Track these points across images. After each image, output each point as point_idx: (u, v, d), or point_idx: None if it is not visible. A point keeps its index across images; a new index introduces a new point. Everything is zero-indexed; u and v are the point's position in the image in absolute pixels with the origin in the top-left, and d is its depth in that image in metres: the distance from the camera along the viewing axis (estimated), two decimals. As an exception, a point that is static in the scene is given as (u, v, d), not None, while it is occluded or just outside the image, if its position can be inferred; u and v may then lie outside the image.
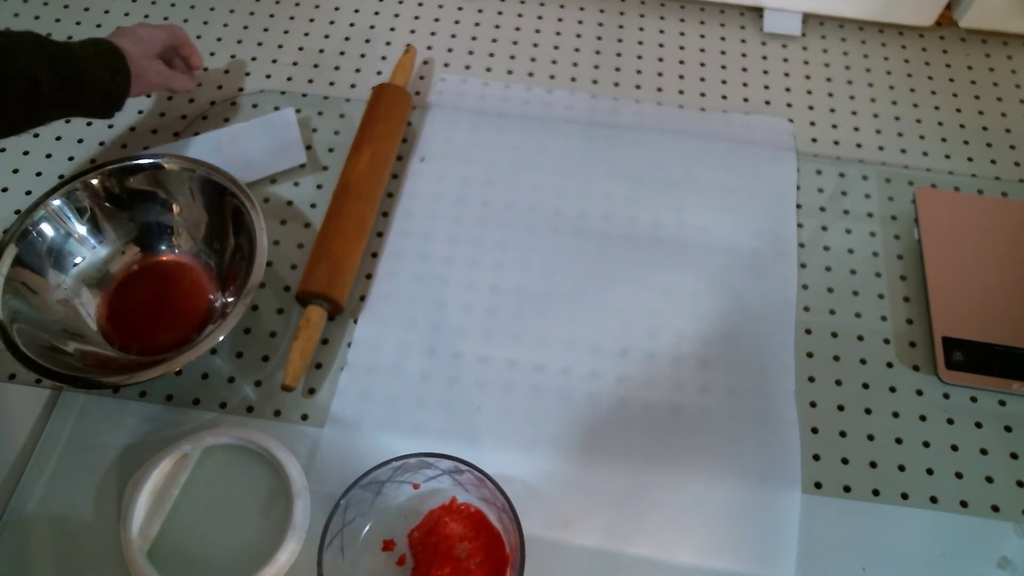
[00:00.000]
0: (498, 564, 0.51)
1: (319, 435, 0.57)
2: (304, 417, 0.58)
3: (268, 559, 0.50)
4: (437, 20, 0.80)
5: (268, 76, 0.75)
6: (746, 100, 0.75)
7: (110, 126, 0.71)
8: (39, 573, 0.52)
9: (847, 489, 0.56)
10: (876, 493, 0.56)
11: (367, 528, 0.53)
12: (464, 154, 0.70)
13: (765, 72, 0.77)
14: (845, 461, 0.57)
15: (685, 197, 0.68)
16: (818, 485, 0.56)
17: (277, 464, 0.54)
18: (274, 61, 0.76)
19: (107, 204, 0.61)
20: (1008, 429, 0.59)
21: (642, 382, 0.59)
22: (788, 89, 0.76)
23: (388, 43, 0.78)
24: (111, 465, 0.55)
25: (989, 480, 0.57)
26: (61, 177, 0.68)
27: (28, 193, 0.67)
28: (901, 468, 0.57)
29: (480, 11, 0.81)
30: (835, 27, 0.81)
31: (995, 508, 0.55)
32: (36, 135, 0.71)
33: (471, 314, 0.62)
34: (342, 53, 0.77)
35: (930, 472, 0.57)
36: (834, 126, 0.74)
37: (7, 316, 0.54)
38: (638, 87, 0.76)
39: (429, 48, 0.78)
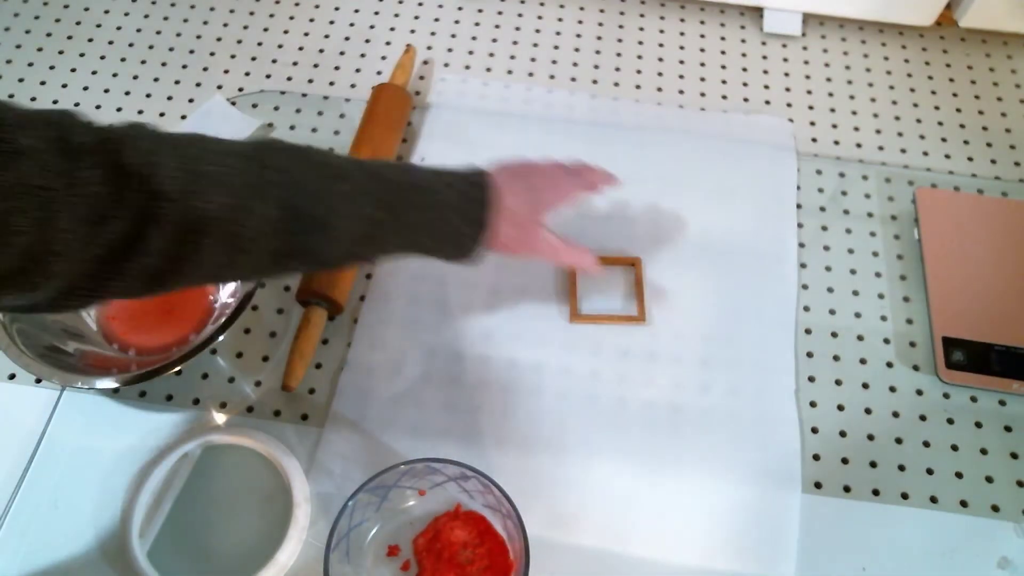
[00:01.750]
0: (502, 571, 0.51)
1: (319, 435, 0.57)
2: (304, 417, 0.58)
3: (268, 559, 0.50)
4: (437, 20, 0.80)
5: (268, 76, 0.75)
6: (746, 100, 0.75)
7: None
8: (40, 573, 0.52)
9: (847, 489, 0.56)
10: (876, 493, 0.56)
11: (372, 533, 0.53)
12: (464, 154, 0.70)
13: (765, 72, 0.77)
14: (845, 461, 0.57)
15: (685, 197, 0.68)
16: (818, 485, 0.56)
17: (277, 464, 0.54)
18: (274, 61, 0.76)
19: (107, 204, 0.61)
20: (1008, 429, 0.59)
21: (642, 382, 0.59)
22: (788, 89, 0.76)
23: (388, 43, 0.78)
24: (112, 465, 0.55)
25: (989, 480, 0.57)
26: (61, 177, 0.68)
27: (28, 193, 0.67)
28: (901, 468, 0.57)
29: (480, 11, 0.81)
30: (835, 27, 0.81)
31: (995, 508, 0.55)
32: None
33: (471, 314, 0.62)
34: (342, 53, 0.77)
35: (930, 472, 0.57)
36: (834, 126, 0.74)
37: (7, 316, 0.54)
38: (638, 87, 0.76)
39: (429, 48, 0.78)
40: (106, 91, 0.74)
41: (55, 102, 0.73)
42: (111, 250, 0.38)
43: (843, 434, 0.58)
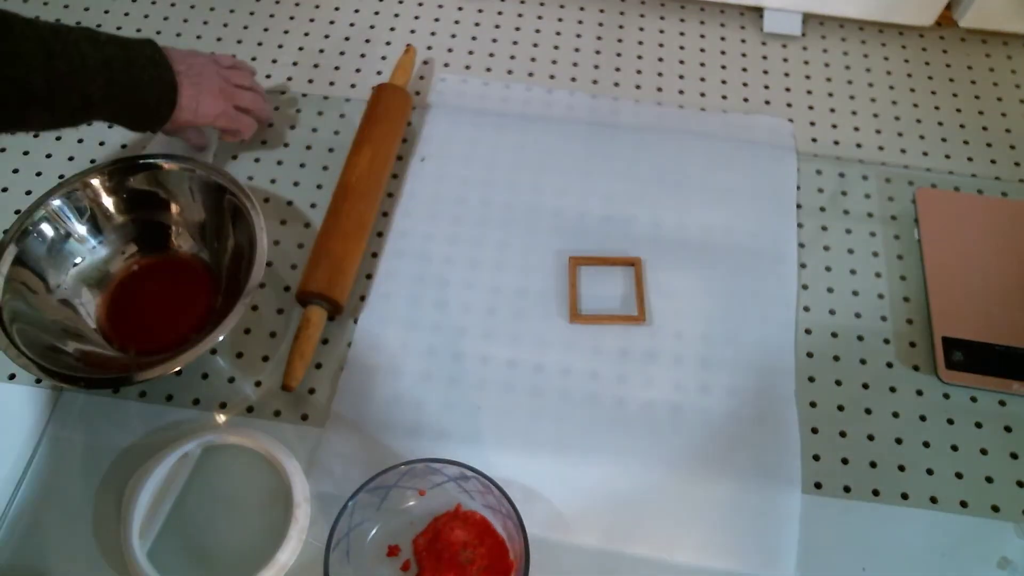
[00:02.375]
0: (502, 571, 0.51)
1: (319, 435, 0.57)
2: (304, 417, 0.58)
3: (268, 559, 0.50)
4: (437, 20, 0.80)
5: (268, 76, 0.75)
6: (746, 100, 0.75)
7: (110, 126, 0.71)
8: (40, 573, 0.52)
9: (847, 489, 0.56)
10: (876, 493, 0.56)
11: (372, 533, 0.53)
12: (464, 154, 0.70)
13: (765, 72, 0.77)
14: (845, 461, 0.57)
15: (685, 197, 0.68)
16: (818, 485, 0.56)
17: (277, 464, 0.54)
18: (274, 61, 0.76)
19: (107, 204, 0.61)
20: (1008, 429, 0.59)
21: (642, 382, 0.59)
22: (788, 89, 0.76)
23: (388, 43, 0.78)
24: (111, 465, 0.55)
25: (989, 480, 0.57)
26: (61, 177, 0.68)
27: (28, 193, 0.67)
28: (901, 468, 0.57)
29: (480, 11, 0.81)
30: (835, 27, 0.81)
31: (995, 508, 0.56)
32: (36, 135, 0.71)
33: (471, 314, 0.62)
34: (342, 53, 0.77)
35: (930, 472, 0.57)
36: (834, 126, 0.74)
37: (7, 316, 0.54)
38: (638, 87, 0.76)
39: (429, 48, 0.78)
40: (106, 91, 0.74)
41: (55, 102, 0.73)
42: None
43: (843, 434, 0.58)
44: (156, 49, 0.58)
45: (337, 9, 0.81)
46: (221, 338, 0.54)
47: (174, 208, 0.63)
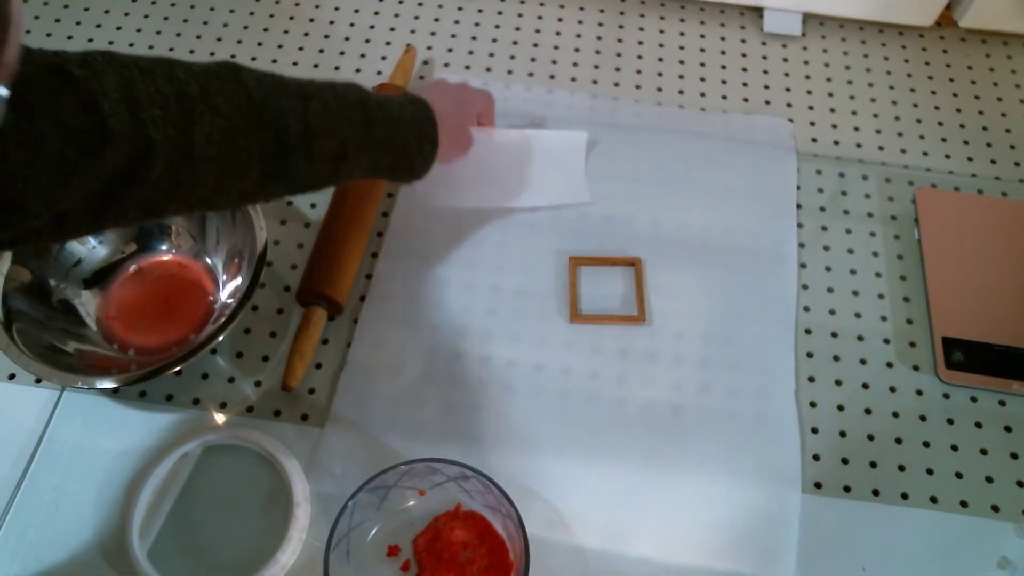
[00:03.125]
0: (502, 571, 0.51)
1: (319, 435, 0.57)
2: (304, 417, 0.58)
3: (268, 559, 0.50)
4: (437, 20, 0.80)
5: (268, 76, 0.75)
6: (746, 100, 0.75)
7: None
8: (40, 573, 0.52)
9: (847, 489, 0.56)
10: (876, 493, 0.56)
11: (372, 533, 0.53)
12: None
13: (765, 72, 0.77)
14: (845, 461, 0.57)
15: (685, 197, 0.68)
16: (818, 485, 0.56)
17: (277, 464, 0.54)
18: (274, 61, 0.76)
19: (107, 204, 0.61)
20: (1008, 429, 0.59)
21: (642, 382, 0.59)
22: (788, 89, 0.76)
23: (388, 43, 0.78)
24: (111, 465, 0.55)
25: (989, 480, 0.57)
26: (61, 177, 0.68)
27: (28, 193, 0.67)
28: (901, 468, 0.57)
29: (480, 11, 0.81)
30: (835, 27, 0.81)
31: (995, 508, 0.56)
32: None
33: (471, 314, 0.62)
34: (342, 53, 0.77)
35: (930, 472, 0.57)
36: (834, 126, 0.74)
37: (7, 316, 0.54)
38: (638, 87, 0.76)
39: (429, 48, 0.78)
40: (106, 91, 0.74)
41: (55, 102, 0.73)
42: (107, 182, 0.39)
43: (843, 434, 0.58)
44: (407, 94, 0.55)
45: (337, 9, 0.81)
46: (221, 338, 0.54)
47: (174, 208, 0.63)
